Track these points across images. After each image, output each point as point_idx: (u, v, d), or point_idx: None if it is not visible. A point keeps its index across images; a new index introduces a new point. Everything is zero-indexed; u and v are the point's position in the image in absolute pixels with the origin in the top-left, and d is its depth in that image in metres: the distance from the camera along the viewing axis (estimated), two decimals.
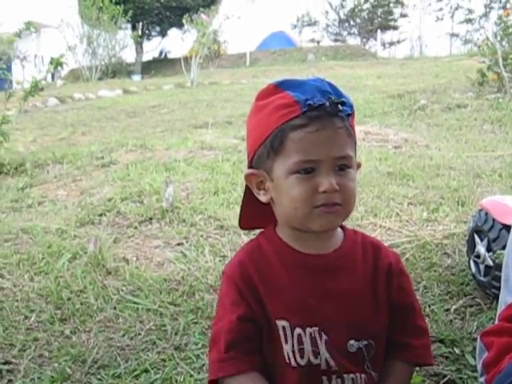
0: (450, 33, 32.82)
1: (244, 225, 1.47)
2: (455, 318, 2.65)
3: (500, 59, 9.24)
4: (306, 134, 1.21)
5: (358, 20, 33.67)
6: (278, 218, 1.34)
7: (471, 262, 2.94)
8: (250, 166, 1.33)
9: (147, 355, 2.39)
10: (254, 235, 1.42)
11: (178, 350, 2.43)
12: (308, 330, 1.26)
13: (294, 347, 1.25)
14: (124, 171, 5.47)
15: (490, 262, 2.72)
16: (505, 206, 2.75)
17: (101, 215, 4.25)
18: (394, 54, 30.31)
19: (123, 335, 2.58)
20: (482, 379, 1.53)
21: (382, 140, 6.47)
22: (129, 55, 27.22)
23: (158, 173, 5.24)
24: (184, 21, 19.47)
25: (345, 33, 34.55)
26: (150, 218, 4.08)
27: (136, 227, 3.97)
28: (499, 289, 1.69)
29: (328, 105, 1.21)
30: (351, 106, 1.27)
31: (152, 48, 30.28)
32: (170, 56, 29.72)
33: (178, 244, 3.68)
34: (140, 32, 27.00)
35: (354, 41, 33.13)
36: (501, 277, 1.69)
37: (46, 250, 3.58)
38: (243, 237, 3.60)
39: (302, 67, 19.03)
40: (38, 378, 2.22)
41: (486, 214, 2.83)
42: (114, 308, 2.83)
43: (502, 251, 2.47)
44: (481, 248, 2.84)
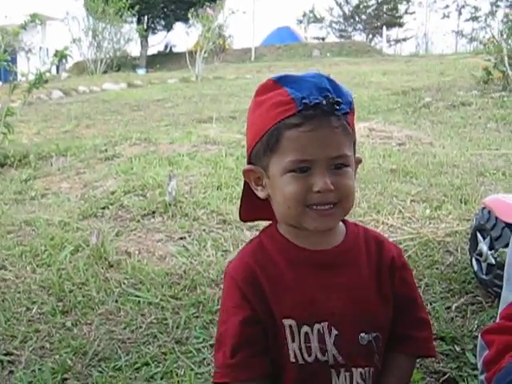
0: (456, 30, 32.77)
1: (244, 217, 1.46)
2: (456, 316, 2.65)
3: (506, 57, 9.24)
4: (301, 133, 1.19)
5: (363, 16, 33.66)
6: (276, 215, 1.33)
7: (473, 260, 2.94)
8: (249, 162, 1.33)
9: (148, 348, 2.40)
10: (257, 230, 1.42)
11: (178, 343, 2.44)
12: (316, 327, 1.25)
13: (300, 345, 1.25)
14: (127, 165, 5.47)
15: (493, 261, 2.71)
16: (508, 204, 2.75)
17: (104, 208, 4.25)
18: (399, 51, 30.32)
19: (124, 328, 2.58)
20: (482, 377, 1.53)
21: (386, 137, 6.46)
22: (134, 49, 27.28)
23: (162, 167, 5.24)
24: (189, 15, 19.47)
25: (350, 29, 34.54)
26: (153, 212, 4.08)
27: (139, 221, 3.98)
28: (501, 287, 1.68)
29: (324, 103, 1.19)
30: (350, 104, 1.24)
31: (157, 42, 30.33)
32: (174, 50, 29.75)
33: (181, 238, 3.69)
34: (145, 26, 27.03)
35: (359, 37, 33.19)
36: (503, 275, 1.68)
37: (48, 243, 3.59)
38: (246, 232, 3.60)
39: (307, 63, 19.02)
40: (39, 369, 2.23)
41: (489, 212, 2.83)
42: (116, 301, 2.84)
43: (504, 249, 2.47)
44: (483, 246, 2.84)
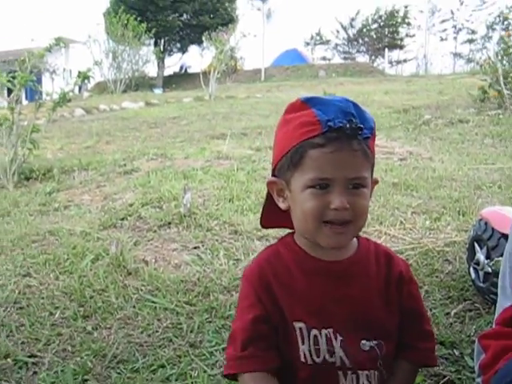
0: (454, 52, 32.73)
1: (265, 224, 1.48)
2: (455, 322, 2.64)
3: (501, 77, 9.23)
4: (323, 154, 1.21)
5: (366, 39, 33.68)
6: (294, 226, 1.34)
7: (471, 268, 2.93)
8: (273, 174, 1.34)
9: (164, 351, 2.40)
10: (267, 240, 1.43)
11: (192, 347, 2.44)
12: (323, 332, 1.27)
13: (310, 347, 1.26)
14: (145, 178, 5.49)
15: (489, 269, 2.70)
16: (504, 216, 2.74)
17: (122, 219, 4.26)
18: (400, 72, 30.28)
19: (142, 332, 2.58)
20: (479, 380, 1.53)
21: (388, 152, 6.45)
22: (151, 70, 27.48)
23: (177, 180, 5.25)
24: (203, 38, 19.63)
25: (354, 51, 34.58)
26: (169, 223, 4.08)
27: (155, 231, 3.98)
28: (497, 294, 1.68)
29: (348, 127, 1.20)
30: (372, 129, 1.26)
31: (173, 63, 30.52)
32: (189, 71, 29.89)
33: (195, 247, 3.69)
34: (162, 48, 27.21)
35: (362, 58, 33.18)
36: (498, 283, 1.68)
37: (70, 251, 3.60)
38: (256, 242, 3.59)
39: (313, 83, 19.06)
40: (61, 370, 2.23)
41: (486, 223, 2.81)
42: (134, 306, 2.84)
43: (500, 259, 2.45)
44: (480, 256, 2.83)
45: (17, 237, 3.98)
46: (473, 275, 2.91)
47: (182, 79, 26.80)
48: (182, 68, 30.91)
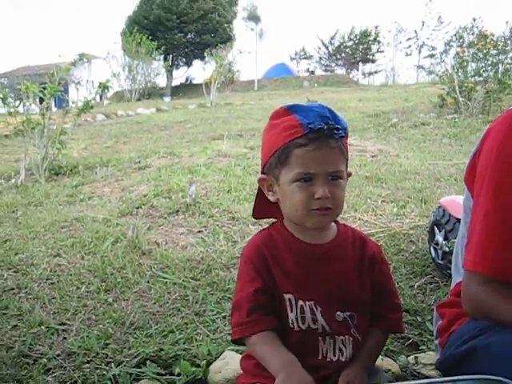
0: (417, 65, 32.61)
1: (256, 215, 1.47)
2: (418, 293, 2.65)
3: (457, 87, 9.25)
4: (306, 152, 1.22)
5: (343, 54, 33.52)
6: (283, 215, 1.34)
7: (431, 248, 2.94)
8: (263, 172, 1.35)
9: (173, 319, 2.40)
10: (260, 225, 1.44)
11: (197, 315, 2.44)
12: (307, 303, 1.27)
13: (297, 315, 1.27)
14: (156, 173, 5.47)
15: (447, 249, 2.72)
16: (459, 203, 2.71)
17: (138, 208, 4.25)
18: (372, 82, 30.13)
19: (154, 303, 2.59)
20: (436, 342, 1.54)
21: (361, 150, 6.45)
22: (161, 81, 27.31)
23: (184, 175, 5.24)
24: (205, 54, 19.50)
25: (333, 64, 34.37)
26: (177, 211, 4.08)
27: (165, 218, 3.98)
28: None
29: (325, 128, 1.22)
30: (345, 129, 1.27)
31: (180, 75, 30.40)
32: (194, 82, 29.72)
33: (199, 231, 3.69)
34: (170, 62, 27.14)
35: (340, 71, 32.96)
36: None
37: (94, 235, 3.59)
38: (251, 226, 3.59)
39: (298, 92, 18.97)
40: (87, 336, 2.23)
41: (444, 210, 2.83)
42: (148, 282, 2.84)
43: (455, 240, 2.47)
44: (439, 237, 2.84)
45: (48, 223, 3.97)
46: (433, 254, 2.92)
47: (187, 89, 26.66)
48: (187, 79, 30.77)
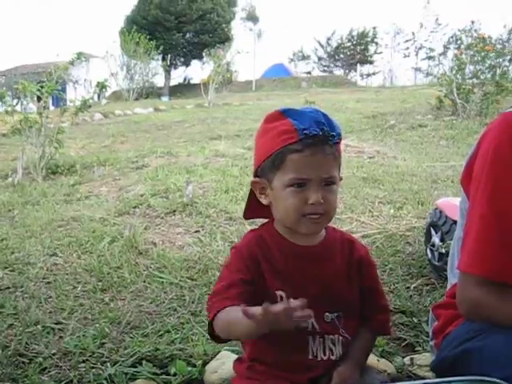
0: (415, 67, 32.65)
1: (247, 216, 1.47)
2: (414, 294, 2.65)
3: (454, 89, 9.26)
4: (301, 158, 1.22)
5: (341, 55, 33.56)
6: (275, 217, 1.34)
7: (428, 249, 2.95)
8: (256, 175, 1.34)
9: (169, 319, 2.40)
10: (256, 225, 1.44)
11: (193, 315, 2.44)
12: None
13: None
14: (154, 173, 5.47)
15: (443, 250, 2.72)
16: (455, 205, 2.71)
17: (135, 207, 4.25)
18: (370, 83, 30.14)
19: (151, 303, 2.59)
20: (431, 343, 1.54)
21: (359, 152, 6.46)
22: (159, 81, 27.29)
23: (181, 174, 5.24)
24: (204, 54, 19.50)
25: (331, 65, 34.40)
26: (174, 211, 4.08)
27: (162, 217, 3.98)
28: None
29: (321, 134, 1.22)
30: (339, 135, 1.27)
31: (178, 75, 30.36)
32: (192, 82, 29.70)
33: (196, 231, 3.69)
34: (168, 62, 27.10)
35: (338, 72, 33.01)
36: None
37: (90, 234, 3.59)
38: (247, 226, 3.59)
39: (296, 93, 18.97)
40: (83, 335, 2.23)
41: (441, 212, 2.83)
42: (144, 281, 2.84)
43: (452, 241, 2.48)
44: (436, 239, 2.85)
45: (45, 222, 3.97)
46: (429, 255, 2.93)
47: (185, 89, 26.64)
48: (185, 79, 30.76)
